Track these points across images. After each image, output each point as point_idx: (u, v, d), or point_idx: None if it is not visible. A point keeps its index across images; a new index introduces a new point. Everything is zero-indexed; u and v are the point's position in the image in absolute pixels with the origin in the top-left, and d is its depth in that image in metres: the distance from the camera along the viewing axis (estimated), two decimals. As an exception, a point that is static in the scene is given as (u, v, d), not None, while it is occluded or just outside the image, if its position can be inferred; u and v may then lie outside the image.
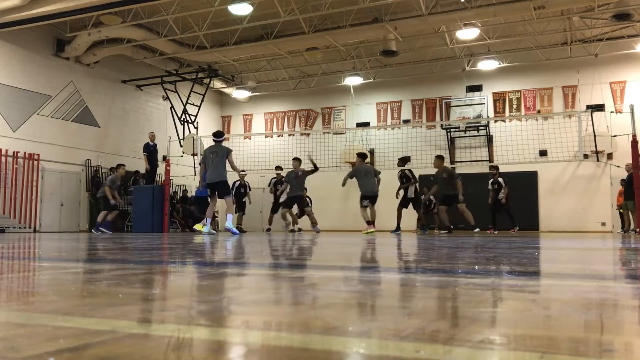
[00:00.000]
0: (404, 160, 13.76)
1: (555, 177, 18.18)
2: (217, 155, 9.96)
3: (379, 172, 12.41)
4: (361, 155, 12.34)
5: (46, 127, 16.22)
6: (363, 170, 11.91)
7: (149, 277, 2.08)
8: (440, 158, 12.72)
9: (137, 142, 18.36)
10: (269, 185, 15.77)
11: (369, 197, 11.71)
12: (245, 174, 15.48)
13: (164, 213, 14.48)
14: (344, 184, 12.04)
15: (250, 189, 15.76)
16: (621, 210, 15.55)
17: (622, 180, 14.95)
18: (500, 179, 14.33)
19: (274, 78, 21.33)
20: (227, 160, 10.03)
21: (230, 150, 10.17)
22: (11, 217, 15.04)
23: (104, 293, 1.53)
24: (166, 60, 19.03)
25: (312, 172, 13.09)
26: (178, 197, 19.14)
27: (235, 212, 14.41)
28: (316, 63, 19.62)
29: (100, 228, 13.36)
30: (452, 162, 19.25)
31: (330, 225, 14.90)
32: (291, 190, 13.25)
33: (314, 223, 13.10)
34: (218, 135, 10.31)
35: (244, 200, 15.40)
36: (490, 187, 14.56)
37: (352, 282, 1.92)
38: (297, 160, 13.34)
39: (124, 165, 14.27)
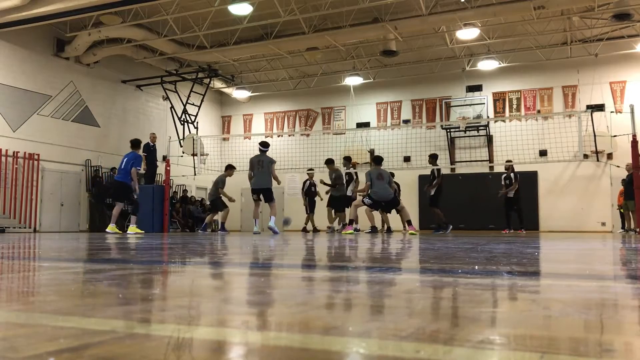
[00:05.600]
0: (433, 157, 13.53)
1: (555, 177, 18.18)
2: (262, 165, 11.12)
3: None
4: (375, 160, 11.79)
5: (46, 127, 16.22)
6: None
7: (149, 277, 2.08)
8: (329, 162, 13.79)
9: (137, 142, 18.34)
10: (303, 189, 15.21)
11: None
12: (313, 173, 15.18)
13: (164, 213, 14.47)
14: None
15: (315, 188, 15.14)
16: (622, 210, 15.55)
17: (623, 180, 14.95)
18: (512, 174, 13.98)
19: (274, 78, 21.34)
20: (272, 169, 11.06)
21: (273, 161, 11.32)
22: (11, 217, 15.05)
23: (104, 293, 1.53)
24: (166, 60, 19.03)
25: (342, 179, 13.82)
26: (178, 197, 19.15)
27: (307, 213, 14.87)
28: (316, 63, 19.62)
29: (223, 228, 13.36)
30: (452, 162, 19.27)
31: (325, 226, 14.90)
32: (338, 191, 13.75)
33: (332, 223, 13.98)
34: (264, 145, 11.49)
35: (315, 199, 14.96)
36: (502, 182, 14.28)
37: (352, 282, 1.92)
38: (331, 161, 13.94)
39: (234, 168, 13.94)
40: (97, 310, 1.19)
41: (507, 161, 14.56)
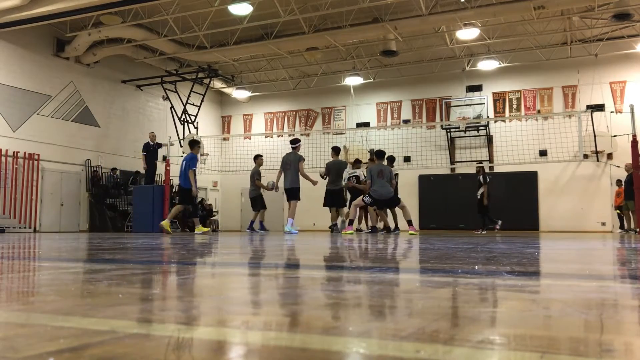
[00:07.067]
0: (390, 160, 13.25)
1: (555, 177, 18.18)
2: (290, 165, 11.21)
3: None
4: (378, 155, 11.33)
5: (46, 127, 16.23)
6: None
7: (149, 277, 2.08)
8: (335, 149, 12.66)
9: (137, 142, 18.37)
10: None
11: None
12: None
13: (164, 213, 14.47)
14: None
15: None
16: (618, 211, 15.57)
17: (618, 180, 15.00)
18: (481, 177, 13.73)
19: (274, 78, 21.34)
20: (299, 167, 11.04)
21: (300, 158, 11.17)
22: (11, 217, 15.05)
23: (104, 293, 1.53)
24: (166, 60, 19.04)
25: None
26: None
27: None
28: (316, 63, 19.62)
29: (263, 226, 12.71)
30: (452, 162, 19.27)
31: (324, 225, 14.91)
32: (332, 184, 12.32)
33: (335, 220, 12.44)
34: (292, 142, 11.65)
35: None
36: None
37: (352, 282, 1.92)
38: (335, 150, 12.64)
39: (261, 156, 13.07)
40: (97, 310, 1.19)
41: (478, 163, 14.62)
